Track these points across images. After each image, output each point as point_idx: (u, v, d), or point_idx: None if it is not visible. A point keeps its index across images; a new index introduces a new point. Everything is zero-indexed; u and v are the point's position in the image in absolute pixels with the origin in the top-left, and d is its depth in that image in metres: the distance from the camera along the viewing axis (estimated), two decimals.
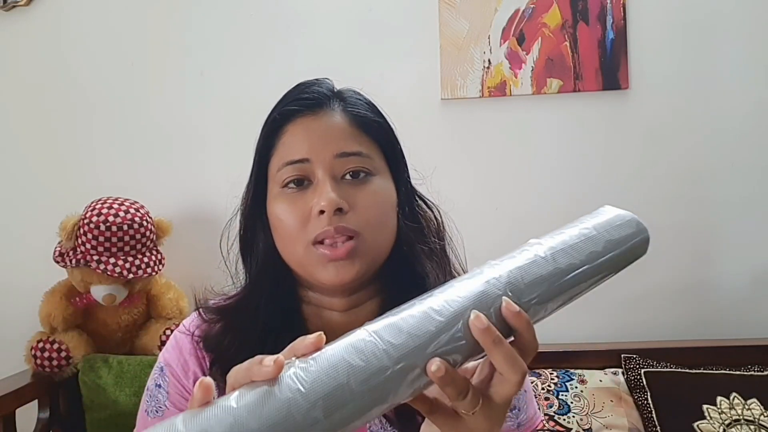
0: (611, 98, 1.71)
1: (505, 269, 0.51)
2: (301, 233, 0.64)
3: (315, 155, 0.66)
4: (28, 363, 1.58)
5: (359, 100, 0.72)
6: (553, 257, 0.52)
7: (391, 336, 0.45)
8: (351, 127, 0.68)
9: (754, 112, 1.68)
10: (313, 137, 0.67)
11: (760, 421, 1.39)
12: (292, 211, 0.65)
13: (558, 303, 0.52)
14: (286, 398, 0.41)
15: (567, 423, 1.44)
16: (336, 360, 0.43)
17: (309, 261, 0.65)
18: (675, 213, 1.69)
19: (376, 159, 0.68)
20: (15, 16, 1.86)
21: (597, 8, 1.69)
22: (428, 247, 0.72)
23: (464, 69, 1.73)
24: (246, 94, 1.77)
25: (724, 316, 1.69)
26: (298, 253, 0.65)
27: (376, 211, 0.66)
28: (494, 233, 1.72)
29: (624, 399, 1.48)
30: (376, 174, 0.68)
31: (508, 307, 0.47)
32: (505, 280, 0.49)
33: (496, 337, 0.46)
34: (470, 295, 0.48)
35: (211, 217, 1.77)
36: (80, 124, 1.85)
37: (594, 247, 0.55)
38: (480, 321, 0.45)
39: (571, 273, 0.52)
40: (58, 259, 1.57)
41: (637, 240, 0.59)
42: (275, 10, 1.79)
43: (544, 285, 0.51)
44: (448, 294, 0.48)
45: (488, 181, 1.74)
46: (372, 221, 0.65)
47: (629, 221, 0.60)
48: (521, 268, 0.51)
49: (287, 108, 0.69)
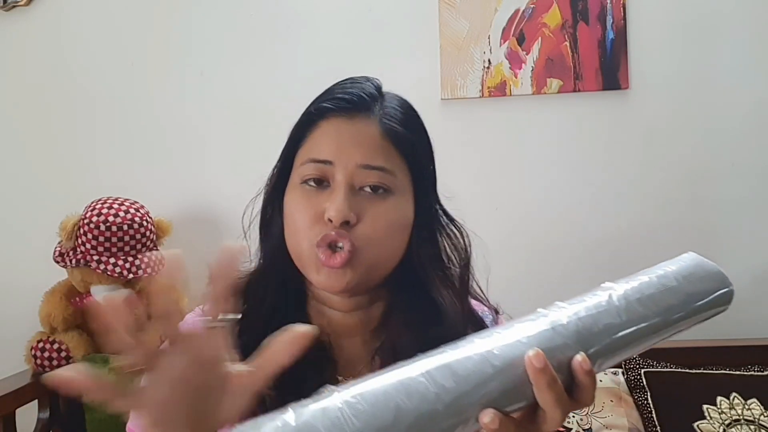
0: (611, 98, 1.71)
1: (573, 315, 0.47)
2: (307, 232, 0.65)
3: (338, 159, 0.65)
4: (28, 363, 1.58)
5: (399, 111, 0.70)
6: (627, 307, 0.49)
7: (444, 378, 0.42)
8: (382, 139, 0.67)
9: (754, 112, 1.68)
10: (341, 141, 0.66)
11: (760, 421, 1.39)
12: (305, 208, 0.65)
13: (624, 355, 0.49)
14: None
15: (567, 423, 1.43)
16: (384, 399, 0.41)
17: (307, 261, 0.65)
18: (675, 213, 1.69)
19: (399, 176, 0.67)
20: (15, 16, 1.86)
21: (597, 8, 1.69)
22: (443, 273, 0.70)
23: (464, 69, 1.73)
24: (246, 94, 1.77)
25: (724, 316, 1.67)
26: (301, 249, 0.66)
27: (382, 230, 0.65)
28: (494, 233, 1.73)
29: (624, 399, 1.47)
30: (396, 192, 0.67)
31: (583, 364, 0.45)
32: (573, 329, 0.46)
33: (551, 378, 0.44)
34: (533, 341, 0.45)
35: (211, 217, 1.77)
36: (80, 124, 1.85)
37: (673, 300, 0.51)
38: (539, 360, 0.43)
39: (644, 326, 0.48)
40: (58, 259, 1.57)
41: (719, 295, 0.54)
42: (275, 10, 1.79)
43: (614, 337, 0.47)
44: (508, 336, 0.46)
45: (488, 181, 1.74)
46: (374, 238, 0.65)
47: (714, 275, 0.55)
48: (592, 316, 0.47)
49: (324, 104, 0.68)
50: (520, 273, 1.70)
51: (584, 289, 0.51)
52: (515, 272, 1.70)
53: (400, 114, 0.70)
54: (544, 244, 1.72)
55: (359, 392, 0.41)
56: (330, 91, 0.70)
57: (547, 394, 0.44)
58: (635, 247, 1.70)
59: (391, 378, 0.42)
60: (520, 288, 1.69)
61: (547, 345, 0.45)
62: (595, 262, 1.70)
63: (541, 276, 1.71)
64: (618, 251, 1.70)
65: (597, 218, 1.71)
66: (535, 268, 1.72)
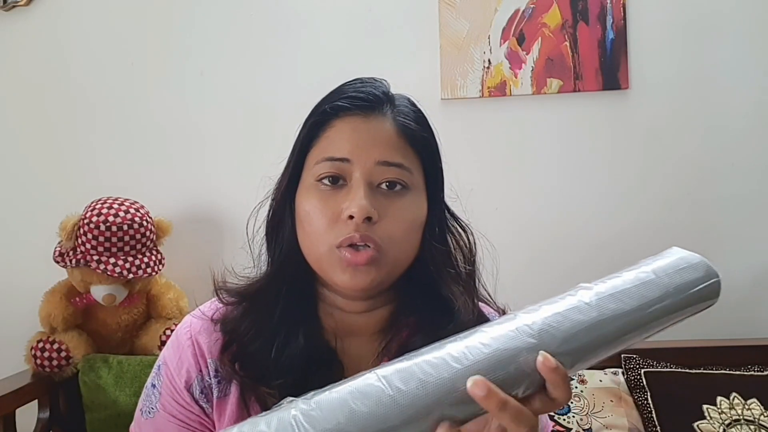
0: (611, 98, 1.71)
1: (542, 315, 0.47)
2: (326, 234, 0.64)
3: (356, 157, 0.65)
4: (28, 363, 1.58)
5: (411, 110, 0.70)
6: (598, 303, 0.48)
7: (401, 382, 0.42)
8: (397, 137, 0.67)
9: (754, 112, 1.68)
10: (358, 139, 0.66)
11: (760, 421, 1.39)
12: (322, 209, 0.64)
13: (602, 352, 0.47)
14: None
15: (567, 423, 1.44)
16: (338, 404, 0.41)
17: (329, 262, 0.64)
18: (675, 213, 1.69)
19: (415, 174, 0.67)
20: (15, 16, 1.86)
21: (597, 8, 1.69)
22: (455, 271, 0.71)
23: (464, 69, 1.73)
24: (246, 94, 1.77)
25: (724, 316, 1.68)
26: (319, 251, 0.65)
27: (403, 227, 0.65)
28: (494, 233, 1.73)
29: (624, 399, 1.47)
30: (412, 189, 0.67)
31: (546, 363, 0.44)
32: (539, 328, 0.45)
33: (500, 401, 0.43)
34: (494, 343, 0.44)
35: (211, 217, 1.77)
36: (80, 124, 1.85)
37: (649, 293, 0.49)
38: (479, 388, 0.42)
39: (618, 321, 0.47)
40: (58, 259, 1.57)
41: (703, 286, 0.52)
42: (275, 10, 1.79)
43: (585, 333, 0.46)
44: (471, 340, 0.45)
45: (488, 181, 1.74)
46: (396, 236, 0.65)
47: (695, 265, 0.53)
48: (560, 314, 0.47)
49: (338, 103, 0.68)
50: (520, 273, 1.70)
51: None
52: (515, 272, 1.69)
53: (412, 112, 0.70)
54: (544, 244, 1.72)
55: (316, 400, 0.42)
56: (341, 90, 0.70)
57: (502, 415, 0.44)
58: (635, 247, 1.69)
59: (350, 385, 0.43)
60: (520, 288, 1.69)
61: (508, 346, 0.44)
62: (595, 261, 1.70)
63: (541, 276, 1.71)
64: (618, 251, 1.70)
65: (597, 218, 1.71)
66: (536, 268, 1.72)
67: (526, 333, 0.45)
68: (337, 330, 0.70)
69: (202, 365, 0.69)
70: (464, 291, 0.69)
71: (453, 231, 0.74)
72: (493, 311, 0.75)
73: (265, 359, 0.65)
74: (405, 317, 0.69)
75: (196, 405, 0.68)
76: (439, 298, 0.69)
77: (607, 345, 0.47)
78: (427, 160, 0.70)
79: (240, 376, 0.66)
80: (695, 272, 0.52)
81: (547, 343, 0.45)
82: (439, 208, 0.72)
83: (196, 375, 0.69)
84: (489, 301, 0.76)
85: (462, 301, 0.68)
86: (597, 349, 0.47)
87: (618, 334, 0.47)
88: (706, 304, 0.53)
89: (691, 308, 0.52)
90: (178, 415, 0.69)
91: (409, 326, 0.69)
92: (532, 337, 0.45)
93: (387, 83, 0.72)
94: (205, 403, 0.68)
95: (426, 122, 0.71)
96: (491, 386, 0.43)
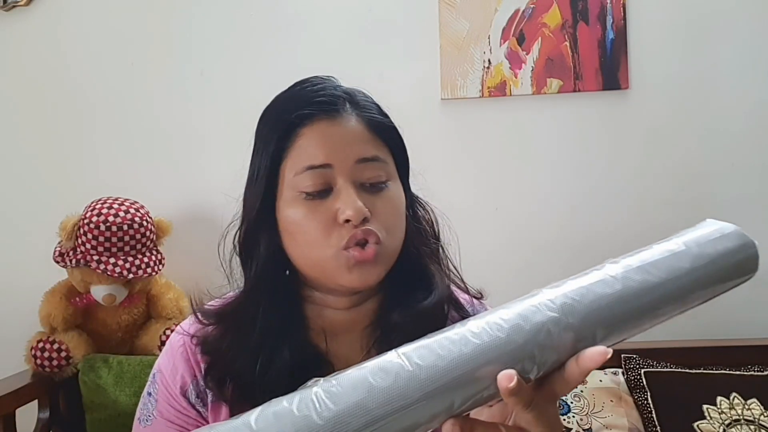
0: (611, 98, 1.71)
1: (564, 290, 0.45)
2: (326, 240, 0.63)
3: (336, 161, 0.65)
4: (28, 363, 1.58)
5: (370, 102, 0.71)
6: (624, 275, 0.46)
7: (419, 358, 0.42)
8: (367, 132, 0.68)
9: (754, 112, 1.68)
10: (332, 143, 0.65)
11: (760, 421, 1.39)
12: (315, 218, 0.64)
13: (630, 328, 0.45)
14: (303, 416, 0.40)
15: (567, 423, 1.44)
16: (358, 381, 0.41)
17: (335, 266, 0.64)
18: (675, 213, 1.69)
19: (390, 164, 0.69)
20: (15, 16, 1.86)
21: (597, 8, 1.69)
22: (429, 249, 0.72)
23: (464, 69, 1.73)
24: (246, 94, 1.77)
25: (724, 316, 1.69)
26: (324, 256, 0.64)
27: (394, 218, 0.67)
28: (494, 233, 1.73)
29: (624, 399, 1.48)
30: (390, 179, 0.68)
31: (503, 380, 0.42)
32: (561, 302, 0.44)
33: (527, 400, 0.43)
34: (515, 318, 0.43)
35: (211, 217, 1.77)
36: (80, 124, 1.85)
37: (678, 263, 0.47)
38: (508, 379, 0.42)
39: (645, 293, 0.45)
40: (58, 259, 1.57)
41: (739, 256, 0.49)
42: (275, 10, 1.79)
43: (610, 306, 0.44)
44: (492, 317, 0.44)
45: (488, 181, 1.74)
46: (390, 228, 0.66)
47: (729, 234, 0.50)
48: (584, 287, 0.45)
49: (302, 112, 0.67)
50: (520, 272, 1.70)
51: None
52: (515, 272, 1.70)
53: (371, 104, 0.71)
54: (544, 244, 1.72)
55: (338, 378, 0.42)
56: (297, 97, 0.69)
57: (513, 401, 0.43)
58: (635, 247, 1.70)
59: (371, 363, 0.43)
60: (520, 287, 1.69)
61: (529, 320, 0.43)
62: (595, 261, 1.69)
63: (541, 275, 1.70)
64: (618, 251, 1.69)
65: (597, 218, 1.71)
66: (536, 268, 1.72)
67: (548, 307, 0.44)
68: (326, 329, 0.70)
69: (197, 370, 0.69)
70: (438, 267, 0.72)
71: (419, 208, 0.75)
72: (467, 297, 0.76)
73: (250, 376, 0.65)
74: (393, 306, 0.70)
75: (192, 409, 0.69)
76: (420, 276, 0.70)
77: (637, 318, 0.45)
78: (395, 147, 0.71)
79: (226, 397, 0.66)
80: (729, 241, 0.49)
81: (568, 316, 0.43)
82: (409, 189, 0.74)
83: (191, 380, 0.69)
84: (461, 285, 0.76)
85: (438, 276, 0.70)
86: (625, 322, 0.45)
87: (646, 306, 0.45)
88: (743, 276, 0.50)
89: (725, 280, 0.49)
90: (176, 420, 0.69)
91: (396, 315, 0.69)
92: (553, 311, 0.44)
93: (335, 79, 0.73)
94: (201, 407, 0.69)
95: (384, 111, 0.72)
96: (520, 379, 0.42)
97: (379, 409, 0.40)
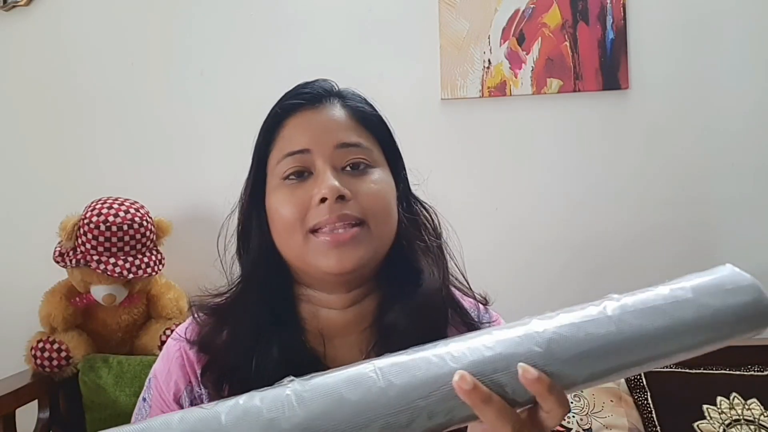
0: (611, 98, 1.71)
1: (555, 324, 0.43)
2: (299, 223, 0.63)
3: (315, 146, 0.65)
4: (28, 363, 1.58)
5: (359, 96, 0.73)
6: (620, 317, 0.43)
7: (393, 375, 0.41)
8: (350, 120, 0.68)
9: (754, 112, 1.68)
10: (313, 129, 0.67)
11: (760, 421, 1.39)
12: (291, 201, 0.64)
13: (617, 372, 0.43)
14: (270, 420, 0.40)
15: (567, 423, 1.43)
16: (330, 389, 0.41)
17: (308, 250, 0.63)
18: (675, 213, 1.69)
19: (375, 152, 0.69)
20: (15, 16, 1.86)
21: (597, 8, 1.69)
22: (425, 244, 0.71)
23: (464, 69, 1.73)
24: (246, 94, 1.77)
25: None
26: (296, 243, 0.64)
27: (380, 200, 0.66)
28: (494, 233, 1.73)
29: (624, 399, 1.48)
30: (376, 166, 0.68)
31: (525, 374, 0.42)
32: (548, 337, 0.42)
33: (484, 396, 0.42)
34: (498, 347, 0.42)
35: (210, 217, 1.77)
36: (80, 124, 1.85)
37: (681, 313, 0.43)
38: (464, 381, 0.42)
39: (638, 341, 0.42)
40: (58, 259, 1.57)
41: (750, 312, 0.44)
42: (275, 10, 1.79)
43: (598, 349, 0.42)
44: (475, 341, 0.43)
45: (488, 181, 1.74)
46: (376, 209, 0.65)
47: (744, 287, 0.46)
48: (575, 324, 0.43)
49: (288, 102, 0.70)
50: (520, 272, 1.70)
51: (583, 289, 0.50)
52: (515, 271, 1.70)
53: (359, 97, 0.72)
54: (544, 244, 1.72)
55: (312, 383, 0.42)
56: (288, 93, 0.72)
57: (485, 410, 0.42)
58: (635, 247, 1.70)
59: (346, 372, 0.43)
60: (520, 287, 1.69)
61: (511, 352, 0.42)
62: (595, 261, 1.70)
63: (541, 275, 1.71)
64: (618, 251, 1.70)
65: (597, 218, 1.71)
66: (535, 268, 1.72)
67: (533, 341, 0.42)
68: (323, 331, 0.69)
69: (192, 376, 0.69)
70: (432, 262, 0.70)
71: (419, 208, 0.75)
72: (472, 302, 0.75)
73: (247, 374, 0.64)
74: (391, 307, 0.68)
75: None
76: (411, 272, 0.69)
77: (623, 366, 0.43)
78: (382, 137, 0.71)
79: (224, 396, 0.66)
80: (743, 296, 0.45)
81: (553, 354, 0.42)
82: (405, 184, 0.73)
83: (185, 386, 0.68)
84: (466, 290, 0.75)
85: (429, 272, 0.69)
86: (610, 368, 0.42)
87: (635, 355, 0.42)
88: (751, 332, 0.45)
89: (729, 337, 0.45)
90: None
91: (394, 317, 0.68)
92: (539, 346, 0.42)
93: (332, 81, 0.74)
94: None
95: (373, 105, 0.73)
96: (477, 382, 0.42)
97: (345, 422, 0.40)
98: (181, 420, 0.41)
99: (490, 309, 0.76)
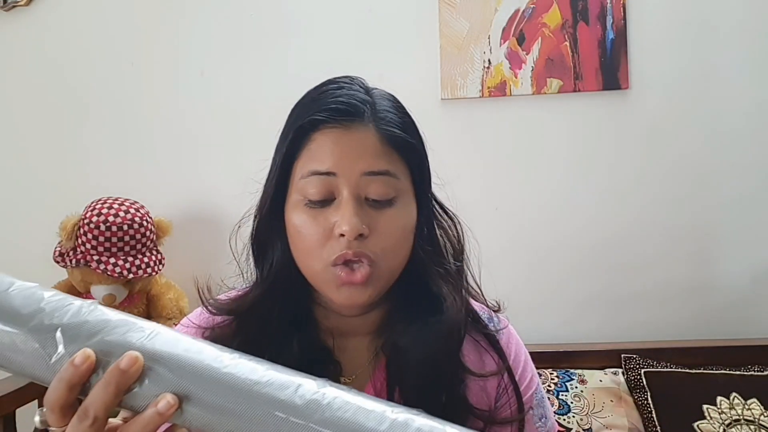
0: (611, 98, 1.71)
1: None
2: (319, 251, 0.63)
3: (341, 170, 0.63)
4: None
5: (394, 114, 0.68)
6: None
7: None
8: (381, 144, 0.65)
9: (754, 112, 1.68)
10: (341, 152, 0.64)
11: (760, 421, 1.39)
12: (313, 226, 0.63)
13: None
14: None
15: (567, 423, 1.44)
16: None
17: (324, 280, 0.64)
18: (675, 213, 1.69)
19: (402, 179, 0.66)
20: (15, 16, 1.86)
21: (597, 8, 1.69)
22: (444, 269, 0.70)
23: (464, 69, 1.73)
24: (246, 94, 1.77)
25: (724, 316, 1.69)
26: (314, 269, 0.64)
27: (396, 238, 0.65)
28: (494, 233, 1.73)
29: (624, 399, 1.48)
30: (401, 196, 0.66)
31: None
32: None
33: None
34: None
35: (211, 217, 1.77)
36: (80, 124, 1.85)
37: None
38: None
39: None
40: (58, 259, 1.57)
41: None
42: (275, 10, 1.79)
43: None
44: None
45: (488, 181, 1.74)
46: (389, 248, 0.64)
47: None
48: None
49: (315, 117, 0.65)
50: (520, 273, 1.70)
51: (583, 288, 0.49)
52: (515, 272, 1.70)
53: (395, 117, 0.68)
54: (544, 244, 1.72)
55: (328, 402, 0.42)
56: (317, 100, 0.67)
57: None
58: (635, 247, 1.70)
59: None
60: (521, 287, 1.70)
61: None
62: (595, 261, 1.70)
63: (541, 276, 1.71)
64: (618, 251, 1.70)
65: (597, 218, 1.72)
66: (536, 268, 1.72)
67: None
68: (334, 330, 0.71)
69: None
70: (453, 288, 0.69)
71: (441, 224, 0.73)
72: (485, 310, 0.76)
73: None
74: (400, 313, 0.69)
75: None
76: (429, 295, 0.68)
77: None
78: (413, 162, 0.68)
79: None
80: None
81: None
82: (427, 206, 0.70)
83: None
84: (480, 298, 0.76)
85: (450, 299, 0.68)
86: None
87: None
88: None
89: None
90: None
91: (402, 322, 0.69)
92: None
93: (364, 82, 0.71)
94: None
95: (410, 124, 0.70)
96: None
97: None
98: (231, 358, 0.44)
99: (501, 315, 0.77)
